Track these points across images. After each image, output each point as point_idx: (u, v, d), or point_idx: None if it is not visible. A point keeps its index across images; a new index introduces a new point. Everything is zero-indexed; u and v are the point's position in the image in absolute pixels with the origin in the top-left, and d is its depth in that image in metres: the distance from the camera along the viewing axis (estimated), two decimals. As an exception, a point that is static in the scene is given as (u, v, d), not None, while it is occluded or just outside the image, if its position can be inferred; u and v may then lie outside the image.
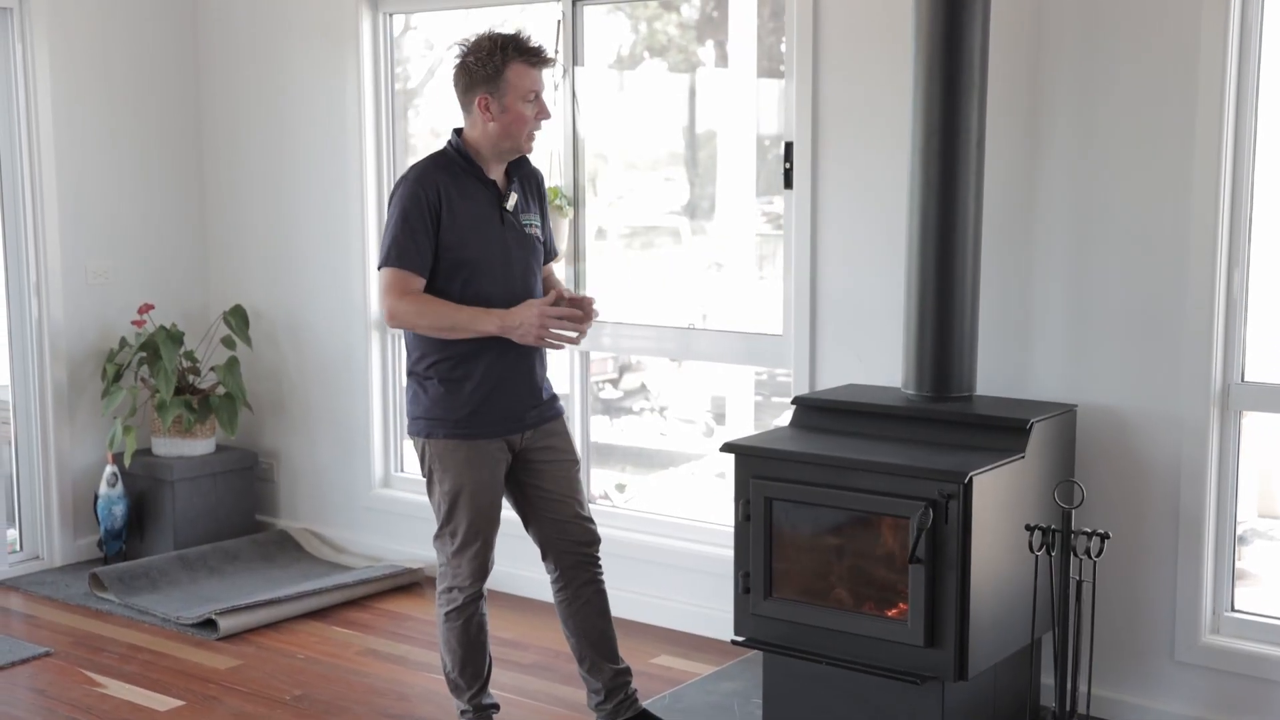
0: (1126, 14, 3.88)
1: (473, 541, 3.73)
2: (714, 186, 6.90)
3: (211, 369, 5.79)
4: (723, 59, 6.70)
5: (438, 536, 3.79)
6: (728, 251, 6.77)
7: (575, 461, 3.86)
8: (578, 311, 3.62)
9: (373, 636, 4.90)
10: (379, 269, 3.67)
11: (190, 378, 5.77)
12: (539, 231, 3.78)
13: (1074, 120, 3.98)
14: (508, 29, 3.67)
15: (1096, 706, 3.89)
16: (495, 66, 3.57)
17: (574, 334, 3.64)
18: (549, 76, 3.68)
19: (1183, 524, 3.91)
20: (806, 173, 4.43)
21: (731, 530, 4.83)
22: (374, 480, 5.70)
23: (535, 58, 3.59)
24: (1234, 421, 3.91)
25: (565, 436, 3.84)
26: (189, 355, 5.77)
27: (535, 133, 3.65)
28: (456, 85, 3.65)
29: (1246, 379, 3.89)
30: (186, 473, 5.68)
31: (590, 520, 3.87)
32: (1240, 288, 3.86)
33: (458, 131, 3.70)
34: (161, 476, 5.66)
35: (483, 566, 3.76)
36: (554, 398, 3.83)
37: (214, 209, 6.05)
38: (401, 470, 5.72)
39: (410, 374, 3.74)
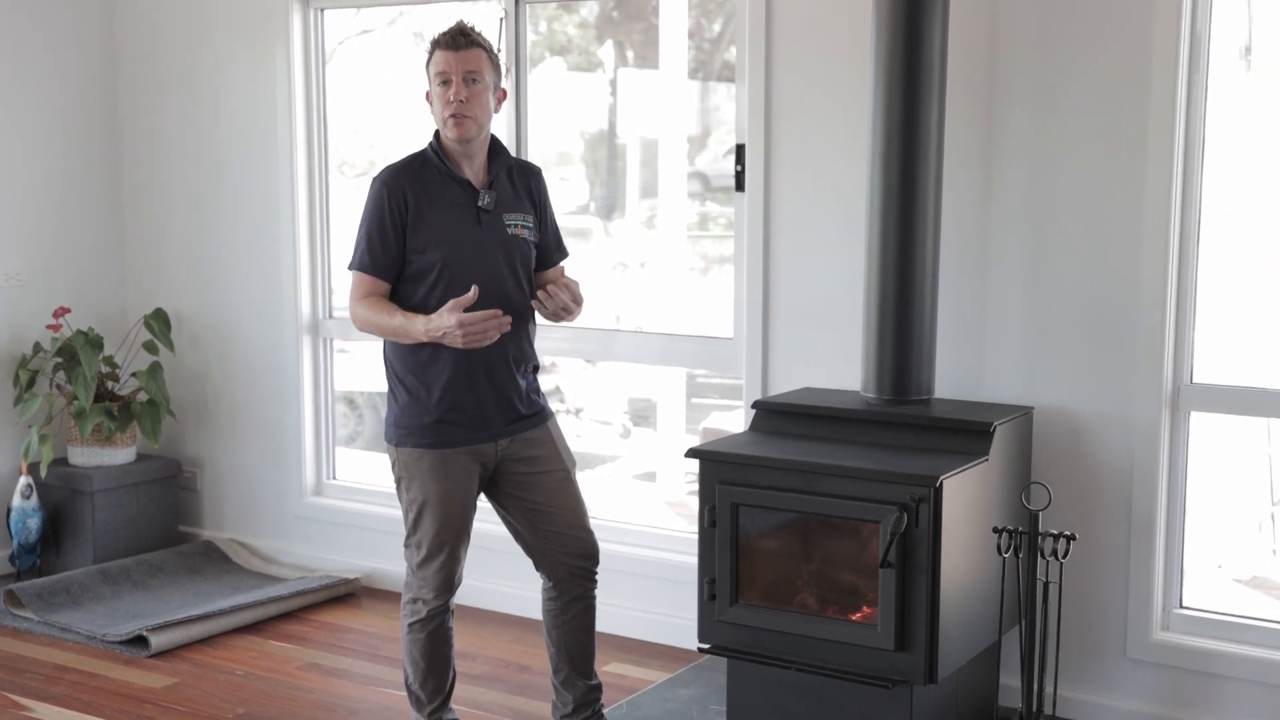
0: (1080, 19, 3.92)
1: (437, 553, 3.64)
2: (634, 187, 6.88)
3: (133, 375, 5.60)
4: (647, 60, 6.69)
5: (406, 545, 3.71)
6: (661, 252, 6.75)
7: (566, 470, 3.75)
8: (496, 313, 3.45)
9: (313, 650, 4.77)
10: (348, 270, 3.63)
11: (110, 384, 5.58)
12: (527, 231, 3.67)
13: (1029, 127, 4.02)
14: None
15: (1050, 704, 3.93)
16: (427, 59, 3.58)
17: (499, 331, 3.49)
18: (474, 63, 3.52)
19: (1134, 523, 3.97)
20: (759, 175, 4.41)
21: (675, 535, 4.89)
22: (306, 488, 5.56)
23: (443, 39, 3.53)
24: (1183, 422, 3.98)
25: (552, 445, 3.73)
26: (108, 361, 5.58)
27: (451, 118, 3.51)
28: None
29: (1195, 380, 3.96)
30: (106, 483, 5.49)
31: (590, 533, 3.76)
32: (1189, 291, 3.93)
33: (437, 131, 3.62)
34: (79, 487, 5.47)
35: (448, 579, 3.67)
36: (538, 406, 3.73)
37: (133, 208, 5.86)
38: (334, 478, 5.59)
39: (386, 377, 3.68)
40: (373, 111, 5.82)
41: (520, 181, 3.71)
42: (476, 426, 3.61)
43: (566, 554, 3.73)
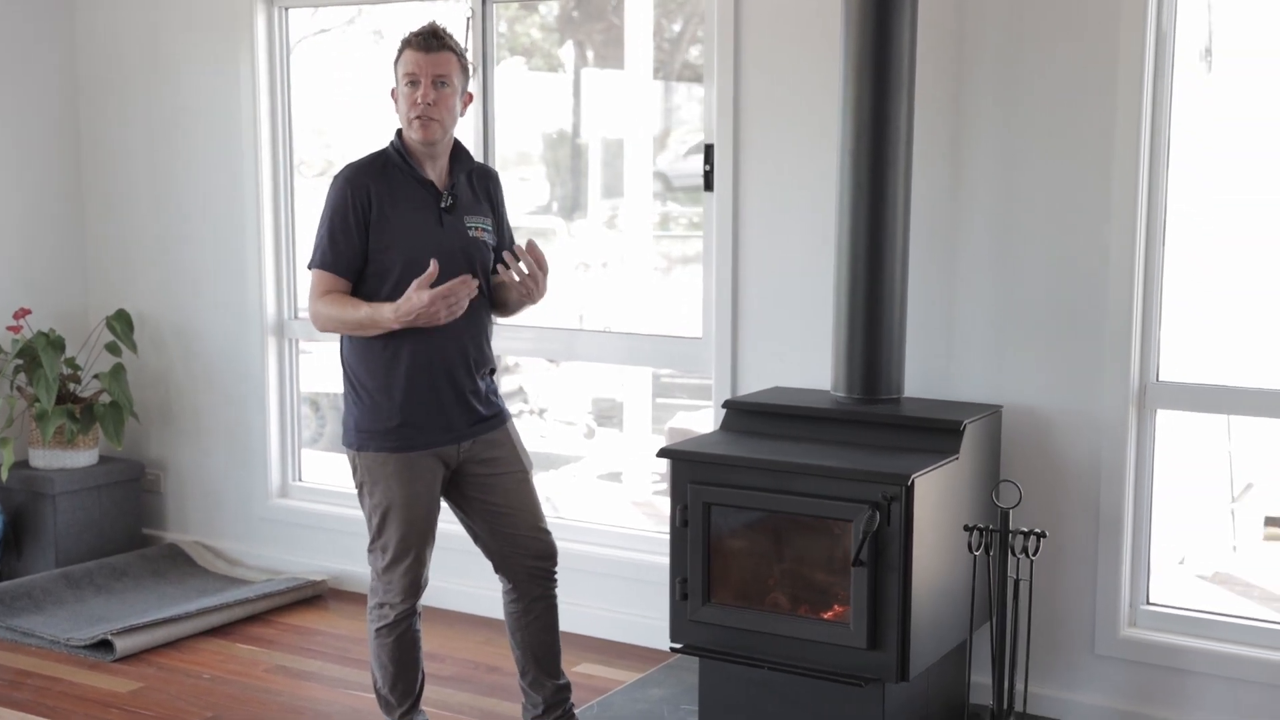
0: (1048, 17, 3.94)
1: (404, 557, 3.62)
2: (596, 187, 6.89)
3: (95, 376, 5.55)
4: (607, 60, 6.68)
5: (370, 550, 3.68)
6: (625, 252, 6.76)
7: (525, 472, 3.75)
8: (466, 279, 3.45)
9: (280, 653, 4.74)
10: (308, 269, 3.59)
11: (71, 386, 5.52)
12: (486, 234, 3.67)
13: (996, 125, 4.04)
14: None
15: (1021, 701, 3.95)
16: (396, 58, 3.56)
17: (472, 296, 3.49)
18: (444, 66, 3.51)
19: (1102, 520, 4.00)
20: (728, 174, 4.42)
21: (644, 535, 4.89)
22: (271, 490, 5.52)
23: (414, 40, 3.51)
24: (1150, 420, 4.01)
25: (511, 446, 3.73)
26: (70, 362, 5.52)
27: (417, 119, 3.49)
28: None
29: (1161, 379, 3.99)
30: (68, 486, 5.43)
31: (547, 533, 3.76)
32: (1156, 290, 3.96)
33: (400, 130, 3.60)
34: (41, 490, 5.41)
35: (415, 582, 3.66)
36: (497, 407, 3.73)
37: (94, 208, 5.80)
38: (300, 480, 5.56)
39: (344, 381, 3.65)
40: (331, 111, 5.79)
41: (479, 185, 3.70)
42: (440, 428, 3.59)
43: (525, 555, 3.73)
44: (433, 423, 3.58)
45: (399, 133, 3.59)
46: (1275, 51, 4.37)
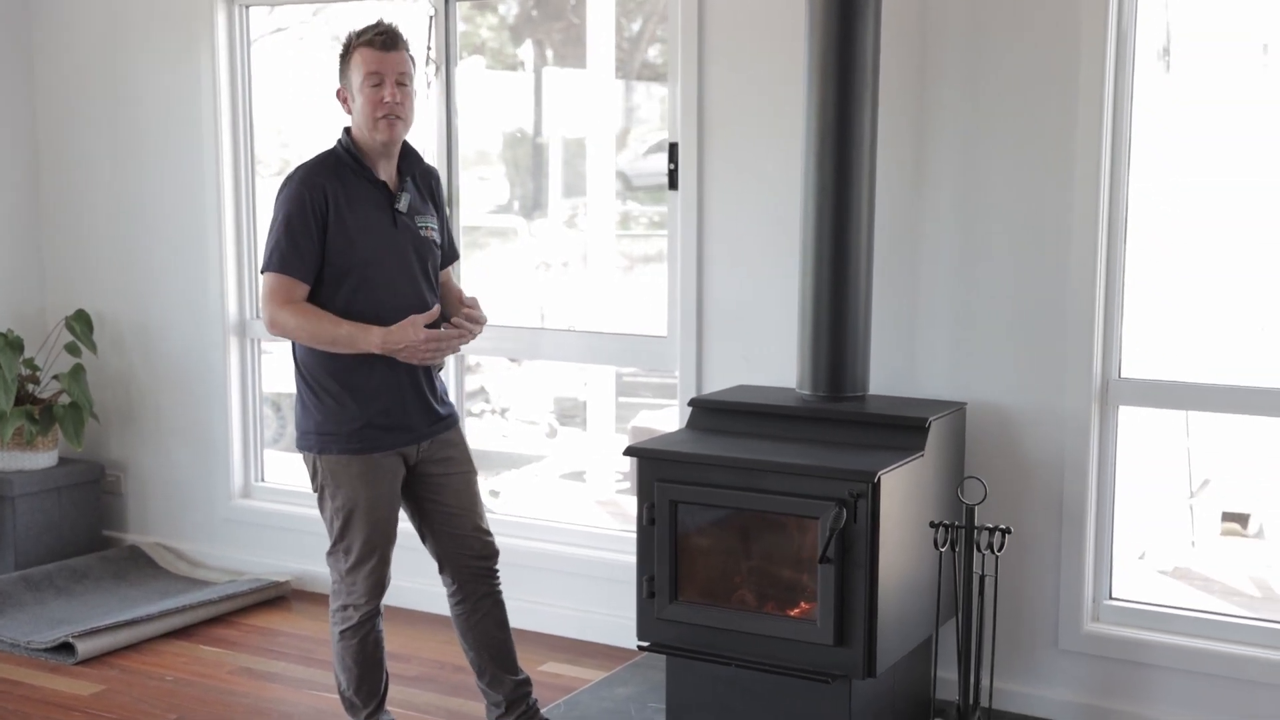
0: (1009, 14, 3.96)
1: (368, 558, 3.61)
2: (556, 186, 6.88)
3: (54, 377, 5.49)
4: (566, 59, 6.68)
5: (330, 553, 3.66)
6: (587, 251, 6.75)
7: (473, 472, 3.77)
8: (463, 327, 3.55)
9: (244, 654, 4.71)
10: (261, 273, 3.52)
11: (30, 387, 5.47)
12: (434, 233, 3.67)
13: (959, 125, 4.06)
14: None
15: (986, 697, 3.97)
16: (345, 58, 3.52)
17: (459, 347, 3.60)
18: (405, 65, 3.52)
19: (1065, 516, 4.03)
20: (692, 173, 4.42)
21: (609, 533, 4.89)
22: (233, 491, 5.49)
23: (373, 39, 3.47)
24: (1113, 416, 4.04)
25: (462, 446, 3.75)
26: (29, 363, 5.47)
27: (383, 119, 3.47)
28: None
29: (1124, 375, 4.03)
30: (27, 487, 5.38)
31: (489, 533, 3.79)
32: (1118, 287, 3.99)
33: (347, 130, 3.58)
34: (0, 492, 5.36)
35: (379, 583, 3.65)
36: (451, 407, 3.74)
37: (52, 207, 5.74)
38: (262, 480, 5.52)
39: (298, 383, 3.60)
40: (288, 110, 5.75)
41: (424, 184, 3.70)
42: (403, 429, 3.58)
43: (470, 555, 3.74)
44: (395, 423, 3.57)
45: (347, 132, 3.56)
46: (1234, 37, 4.43)
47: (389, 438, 3.57)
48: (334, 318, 3.47)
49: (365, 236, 3.51)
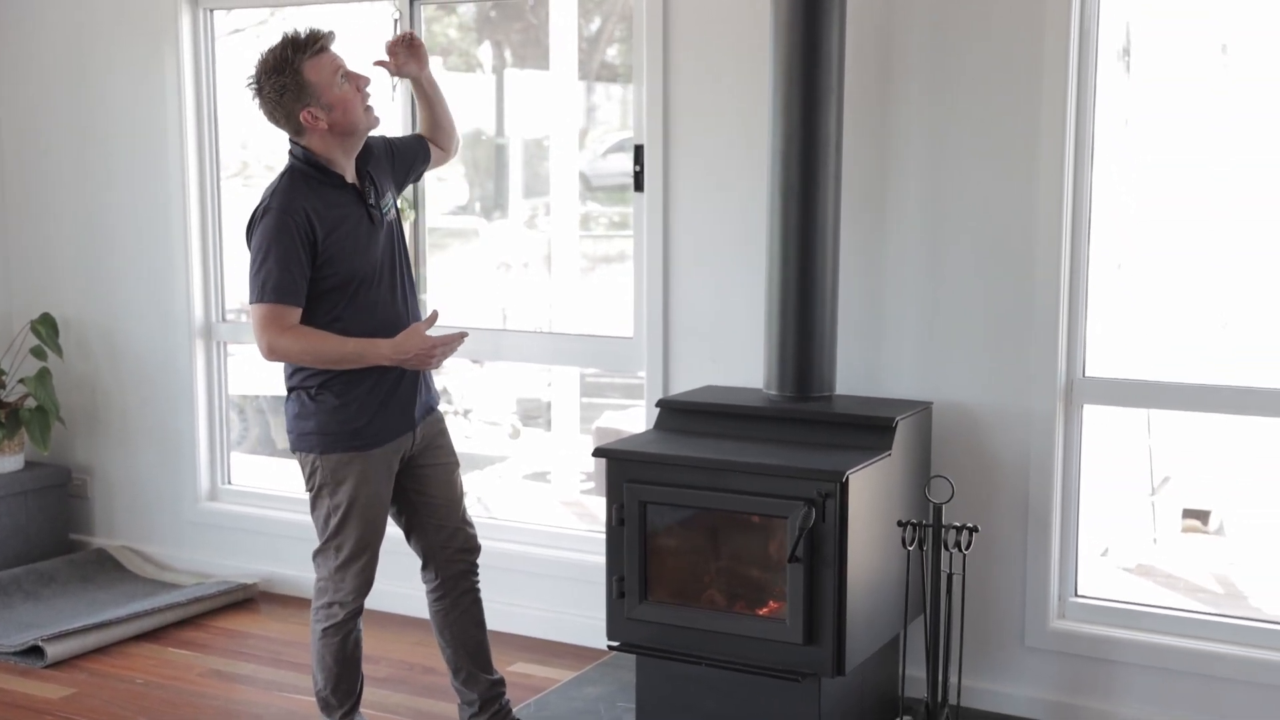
0: (973, 16, 4.00)
1: (360, 555, 3.63)
2: (517, 187, 6.89)
3: (20, 381, 5.46)
4: (525, 59, 6.68)
5: (320, 551, 3.66)
6: (548, 252, 6.76)
7: (457, 465, 3.80)
8: (462, 334, 3.58)
9: (213, 656, 4.70)
10: (251, 304, 3.47)
11: (-6, 391, 5.45)
12: (396, 211, 3.69)
13: (924, 125, 4.08)
14: (272, 41, 3.50)
15: (954, 694, 4.00)
16: (293, 79, 3.43)
17: (457, 349, 3.61)
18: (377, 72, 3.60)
19: (1031, 514, 4.06)
20: (658, 175, 4.44)
21: (576, 534, 4.90)
22: (200, 494, 5.47)
23: (315, 45, 3.45)
24: (1077, 415, 4.08)
25: (447, 435, 3.79)
26: (-7, 367, 5.45)
27: (369, 108, 3.51)
28: (273, 119, 3.50)
29: (1088, 374, 4.07)
30: (-7, 492, 5.36)
31: (472, 526, 3.81)
32: (1081, 286, 4.03)
33: (296, 143, 3.52)
34: (-35, 497, 5.34)
35: (367, 581, 3.67)
36: (436, 393, 3.77)
37: (14, 209, 5.71)
38: (229, 483, 5.51)
39: (292, 389, 3.60)
40: (244, 111, 5.71)
41: (379, 157, 3.69)
42: (404, 416, 3.61)
43: (455, 548, 3.77)
44: (399, 412, 3.60)
45: (298, 146, 3.51)
46: (1194, 35, 4.48)
47: (392, 427, 3.59)
48: (337, 336, 3.47)
49: (352, 242, 3.50)
